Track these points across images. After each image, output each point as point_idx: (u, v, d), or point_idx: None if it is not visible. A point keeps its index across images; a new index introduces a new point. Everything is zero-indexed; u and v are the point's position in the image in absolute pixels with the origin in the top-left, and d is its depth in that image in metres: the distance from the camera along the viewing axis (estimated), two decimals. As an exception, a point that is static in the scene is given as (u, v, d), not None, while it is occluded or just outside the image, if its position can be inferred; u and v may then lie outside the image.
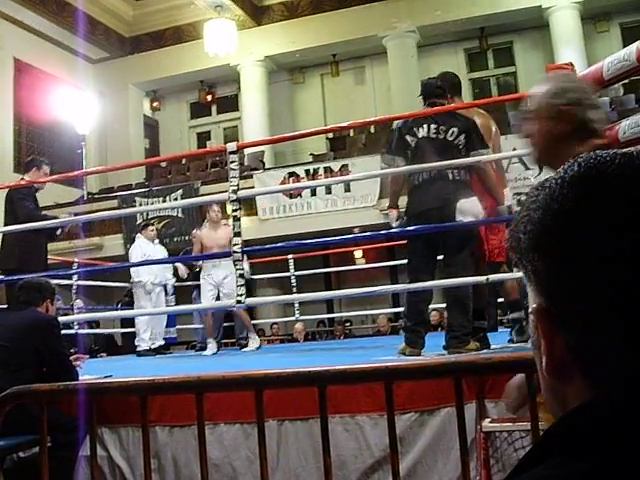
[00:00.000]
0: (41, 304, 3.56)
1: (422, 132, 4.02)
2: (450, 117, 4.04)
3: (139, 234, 8.07)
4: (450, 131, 3.98)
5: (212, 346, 7.03)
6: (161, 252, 7.99)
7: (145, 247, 7.81)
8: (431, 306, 7.60)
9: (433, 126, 3.99)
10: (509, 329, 4.80)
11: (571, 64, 3.71)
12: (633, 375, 0.51)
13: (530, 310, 0.58)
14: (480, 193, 4.07)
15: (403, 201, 4.25)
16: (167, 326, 8.33)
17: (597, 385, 0.53)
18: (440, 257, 4.19)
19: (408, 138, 4.05)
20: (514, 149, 7.74)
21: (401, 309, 6.14)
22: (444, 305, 4.32)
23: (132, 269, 7.69)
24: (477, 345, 3.89)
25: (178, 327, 9.08)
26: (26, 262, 5.44)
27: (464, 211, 3.88)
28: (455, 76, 4.65)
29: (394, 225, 4.29)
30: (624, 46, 3.56)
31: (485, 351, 3.93)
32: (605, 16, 14.18)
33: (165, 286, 7.94)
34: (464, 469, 1.38)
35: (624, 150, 0.57)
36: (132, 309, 8.85)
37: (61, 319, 4.05)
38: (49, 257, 6.03)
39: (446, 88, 4.29)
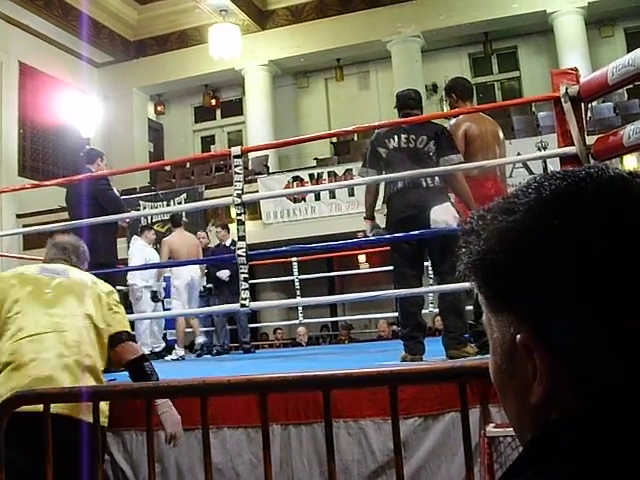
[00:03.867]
0: None
1: (393, 143, 4.12)
2: (420, 126, 4.14)
3: (137, 236, 7.77)
4: (420, 139, 4.07)
5: (179, 351, 7.37)
6: (157, 256, 7.70)
7: (145, 250, 7.63)
8: (435, 310, 7.61)
9: (404, 136, 4.10)
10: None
11: (575, 69, 3.71)
12: (621, 384, 0.51)
13: (516, 340, 0.57)
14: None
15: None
16: (167, 328, 8.19)
17: (581, 395, 0.53)
18: (427, 263, 4.28)
19: (380, 150, 4.16)
20: (518, 154, 7.75)
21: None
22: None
23: (129, 272, 7.39)
24: (475, 349, 3.90)
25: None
26: (111, 255, 5.25)
27: (435, 219, 3.96)
28: (466, 81, 4.75)
29: (370, 235, 4.42)
30: (628, 51, 3.56)
31: (487, 355, 3.92)
32: (609, 21, 14.17)
33: (155, 291, 7.52)
34: (468, 474, 1.38)
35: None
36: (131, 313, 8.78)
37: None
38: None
39: (418, 100, 4.39)
